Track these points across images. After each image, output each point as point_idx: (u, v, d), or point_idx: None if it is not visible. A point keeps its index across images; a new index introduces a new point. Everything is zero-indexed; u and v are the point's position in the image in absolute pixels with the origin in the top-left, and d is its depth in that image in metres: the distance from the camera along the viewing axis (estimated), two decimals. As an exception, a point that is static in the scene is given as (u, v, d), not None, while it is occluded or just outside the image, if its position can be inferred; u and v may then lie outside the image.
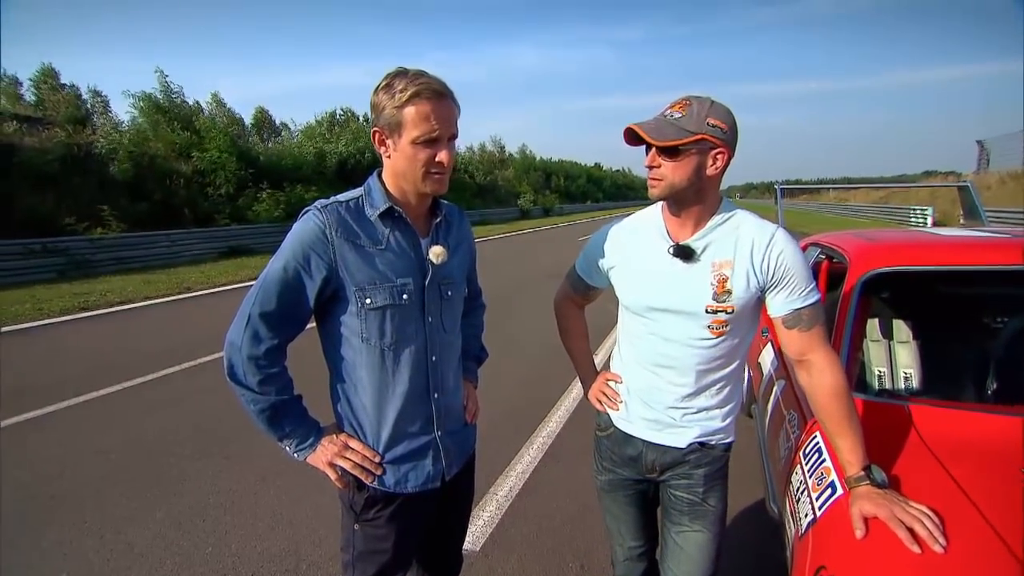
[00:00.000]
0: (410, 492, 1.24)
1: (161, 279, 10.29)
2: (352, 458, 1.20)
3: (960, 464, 1.22)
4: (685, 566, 1.33)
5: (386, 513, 1.23)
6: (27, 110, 16.47)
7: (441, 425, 1.27)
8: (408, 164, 1.12)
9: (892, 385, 2.04)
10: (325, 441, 1.21)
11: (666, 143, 1.13)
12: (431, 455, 1.26)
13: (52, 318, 7.14)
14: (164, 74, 17.59)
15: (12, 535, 2.48)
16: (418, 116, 1.08)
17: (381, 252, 1.15)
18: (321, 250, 1.11)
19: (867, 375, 2.07)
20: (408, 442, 1.23)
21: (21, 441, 3.48)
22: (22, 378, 4.72)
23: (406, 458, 1.23)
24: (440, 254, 1.21)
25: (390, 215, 1.17)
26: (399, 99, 1.07)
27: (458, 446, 1.33)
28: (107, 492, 2.84)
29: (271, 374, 1.14)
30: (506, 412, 3.73)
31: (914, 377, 2.02)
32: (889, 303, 2.25)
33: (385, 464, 1.22)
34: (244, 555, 2.31)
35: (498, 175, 40.77)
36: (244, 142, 19.60)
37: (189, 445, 3.36)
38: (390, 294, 1.15)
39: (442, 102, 1.10)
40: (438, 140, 1.11)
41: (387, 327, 1.16)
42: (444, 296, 1.25)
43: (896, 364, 2.06)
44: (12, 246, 10.59)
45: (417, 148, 1.10)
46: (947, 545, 0.98)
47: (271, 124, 26.96)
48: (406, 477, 1.24)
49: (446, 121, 1.11)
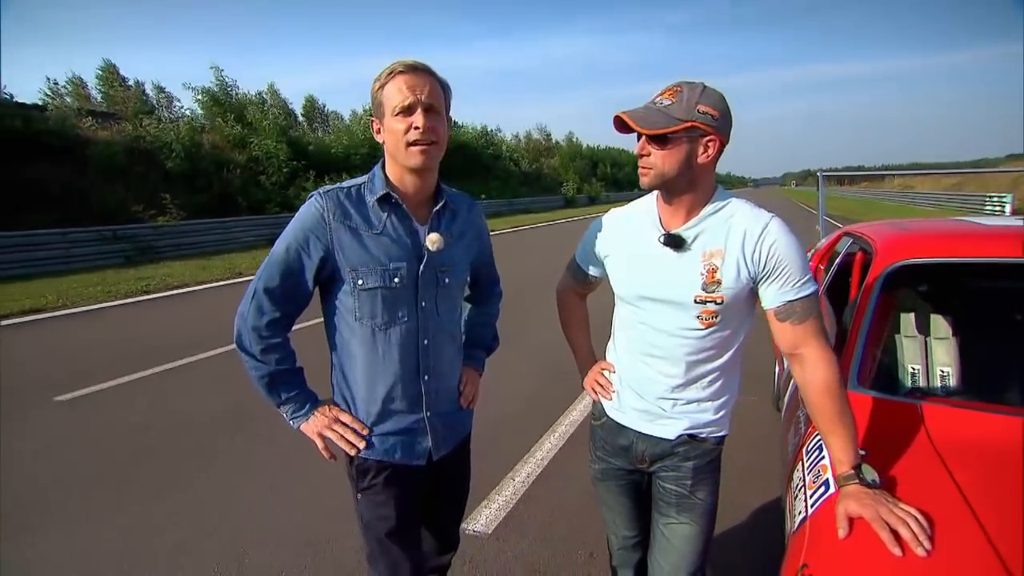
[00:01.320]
0: (397, 462, 1.29)
1: (215, 264, 10.87)
2: (339, 430, 1.26)
3: (966, 467, 1.15)
4: (671, 558, 1.32)
5: (380, 480, 1.29)
6: (98, 107, 17.62)
7: (431, 406, 1.31)
8: (392, 139, 1.17)
9: (927, 383, 1.93)
10: (318, 412, 1.28)
11: (654, 131, 1.11)
12: (419, 434, 1.30)
13: (118, 300, 7.69)
14: (220, 69, 18.45)
15: (63, 499, 2.72)
16: (393, 89, 1.15)
17: (376, 236, 1.20)
18: (319, 232, 1.18)
19: (899, 372, 1.97)
20: (397, 419, 1.28)
21: (85, 413, 3.79)
22: (89, 356, 5.12)
23: (394, 434, 1.29)
24: (436, 241, 1.24)
25: (387, 201, 1.22)
26: (381, 81, 1.16)
27: (448, 428, 1.36)
28: (148, 463, 3.06)
29: (272, 344, 1.23)
30: (530, 399, 3.76)
31: (951, 376, 1.91)
32: (927, 297, 2.13)
33: (374, 437, 1.28)
34: (267, 527, 2.44)
35: (543, 163, 40.53)
36: (295, 132, 20.28)
37: (223, 423, 3.57)
38: (381, 277, 1.20)
39: (415, 74, 1.15)
40: (412, 108, 1.14)
41: (378, 308, 1.21)
42: (440, 283, 1.27)
43: (932, 362, 1.95)
44: (87, 233, 11.44)
45: (396, 119, 1.15)
46: (932, 549, 0.94)
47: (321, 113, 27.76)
48: (394, 450, 1.29)
49: (419, 88, 1.14)
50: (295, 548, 2.29)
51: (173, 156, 15.09)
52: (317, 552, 2.26)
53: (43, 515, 2.57)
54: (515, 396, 3.81)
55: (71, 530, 2.46)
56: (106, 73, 19.58)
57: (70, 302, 7.43)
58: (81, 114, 15.09)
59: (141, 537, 2.39)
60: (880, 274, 1.78)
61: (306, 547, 2.29)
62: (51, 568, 2.21)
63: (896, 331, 2.04)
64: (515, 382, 4.07)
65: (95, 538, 2.39)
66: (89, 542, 2.36)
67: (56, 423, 3.63)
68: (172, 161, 15.01)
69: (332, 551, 2.26)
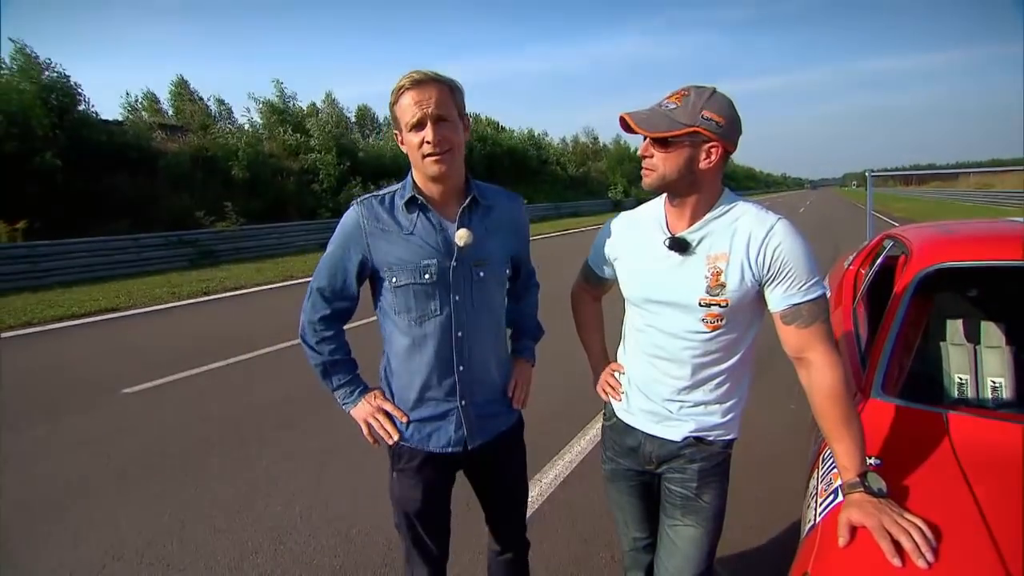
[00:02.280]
0: (431, 450, 1.38)
1: (269, 268, 11.42)
2: (381, 419, 1.38)
3: (987, 480, 1.10)
4: (676, 560, 1.32)
5: (413, 465, 1.39)
6: (168, 120, 18.88)
7: (464, 395, 1.36)
8: (410, 152, 1.25)
9: (977, 395, 1.83)
10: (365, 400, 1.40)
11: (655, 134, 1.13)
12: (453, 422, 1.37)
13: (182, 301, 8.21)
14: (280, 82, 19.43)
15: (127, 486, 2.95)
16: (404, 105, 1.21)
17: (408, 237, 1.29)
18: (356, 238, 1.30)
19: (945, 382, 1.87)
20: (432, 406, 1.36)
21: (149, 404, 4.09)
22: (155, 352, 5.51)
23: (429, 420, 1.37)
24: (464, 237, 1.29)
25: (414, 203, 1.29)
26: (393, 98, 1.24)
27: (484, 419, 1.40)
28: (204, 451, 3.27)
29: (325, 336, 1.37)
30: (562, 402, 3.77)
31: (1005, 387, 1.80)
32: (979, 303, 2.01)
33: (411, 424, 1.37)
34: (306, 516, 2.57)
35: (591, 166, 40.22)
36: (347, 140, 21.03)
37: (273, 416, 3.76)
38: (412, 274, 1.28)
39: (421, 87, 1.20)
40: (422, 122, 1.20)
41: (412, 303, 1.30)
42: (475, 277, 1.32)
43: (983, 372, 1.85)
44: (155, 239, 12.27)
45: (411, 135, 1.22)
46: (935, 562, 0.91)
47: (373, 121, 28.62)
48: (429, 437, 1.37)
49: (425, 102, 1.19)
50: (329, 538, 2.40)
51: (236, 165, 15.95)
52: (349, 542, 2.36)
53: (96, 497, 2.80)
54: (548, 399, 3.83)
55: (123, 510, 2.67)
56: (178, 88, 20.96)
57: (139, 302, 8.00)
58: (154, 127, 16.21)
59: (189, 519, 2.57)
60: (913, 278, 1.70)
61: (338, 537, 2.40)
62: (109, 537, 2.41)
63: (941, 338, 1.94)
64: (548, 384, 4.08)
65: (148, 518, 2.58)
66: (142, 521, 2.56)
67: (123, 413, 3.93)
68: (236, 169, 15.87)
69: (362, 543, 2.35)
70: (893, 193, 53.02)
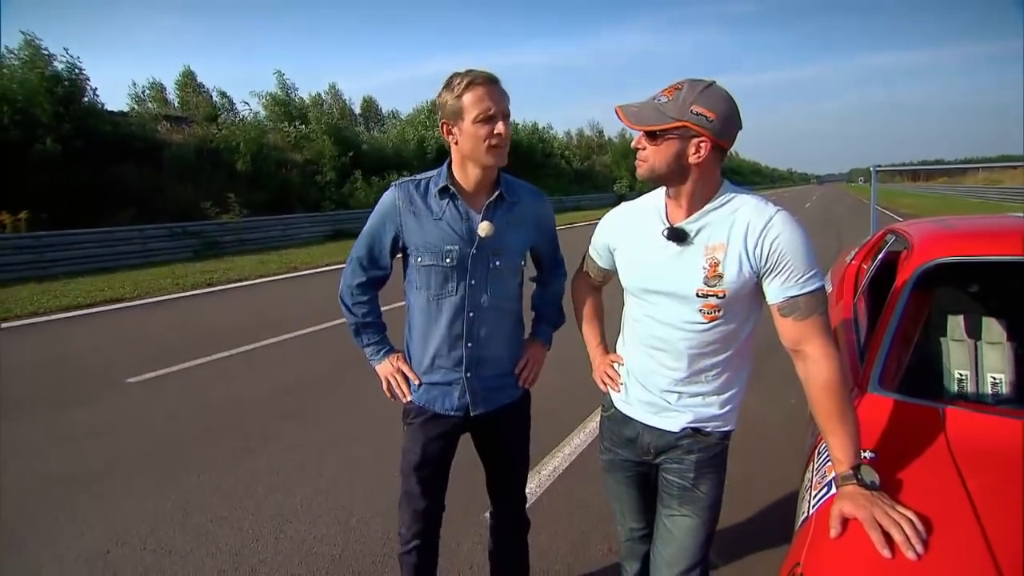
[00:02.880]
0: (436, 411, 1.52)
1: (273, 259, 11.45)
2: (399, 379, 1.54)
3: (981, 474, 1.10)
4: (672, 549, 1.33)
5: (419, 421, 1.54)
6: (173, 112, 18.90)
7: (470, 368, 1.49)
8: (472, 142, 1.34)
9: (976, 390, 1.83)
10: (388, 360, 1.57)
11: (643, 128, 1.13)
12: (458, 390, 1.51)
13: (186, 292, 8.25)
14: (282, 74, 19.37)
15: (130, 475, 2.98)
16: (475, 99, 1.32)
17: (436, 222, 1.42)
18: (392, 217, 1.46)
19: (945, 378, 1.87)
20: (441, 374, 1.50)
21: (152, 394, 4.13)
22: (160, 341, 5.55)
23: (438, 385, 1.51)
24: (486, 229, 1.41)
25: (447, 192, 1.42)
26: (457, 91, 1.32)
27: (488, 391, 1.53)
28: (207, 441, 3.30)
29: (360, 300, 1.55)
30: (561, 395, 3.77)
31: (1005, 383, 1.80)
32: (979, 299, 2.00)
33: (423, 385, 1.52)
34: (306, 505, 2.59)
35: (595, 160, 40.07)
36: (350, 132, 21.00)
37: (276, 406, 3.79)
38: (435, 256, 1.42)
39: (493, 86, 1.34)
40: (494, 116, 1.33)
41: (432, 281, 1.44)
42: (492, 264, 1.45)
43: (983, 368, 1.84)
44: (160, 230, 12.31)
45: (478, 126, 1.33)
46: (925, 553, 0.91)
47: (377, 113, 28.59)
48: (435, 400, 1.52)
49: (498, 101, 1.34)
50: (329, 526, 2.42)
51: (240, 157, 15.96)
52: (348, 531, 2.38)
53: (101, 484, 2.83)
54: (548, 390, 3.83)
55: (127, 499, 2.70)
56: (184, 79, 20.96)
57: (144, 293, 8.04)
58: (159, 118, 16.23)
59: (192, 508, 2.60)
60: (913, 273, 1.70)
61: (338, 526, 2.42)
62: (113, 525, 2.44)
63: (942, 334, 1.93)
64: (548, 377, 4.08)
65: (151, 506, 2.62)
66: (145, 509, 2.59)
67: (127, 402, 3.96)
68: (240, 161, 15.88)
69: (361, 532, 2.38)
70: (900, 189, 52.58)
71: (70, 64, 13.23)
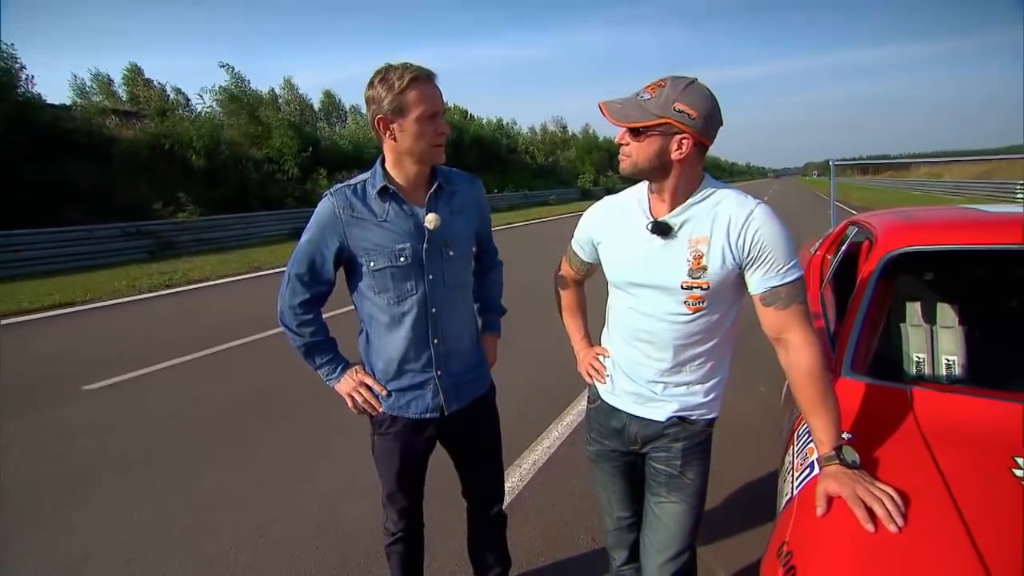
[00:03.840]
0: (410, 417, 1.49)
1: (235, 259, 11.11)
2: (363, 393, 1.48)
3: (950, 449, 1.17)
4: (660, 535, 1.37)
5: (392, 431, 1.51)
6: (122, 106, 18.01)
7: (440, 366, 1.47)
8: (416, 140, 1.31)
9: (933, 372, 1.93)
10: (347, 375, 1.49)
11: (626, 124, 1.16)
12: (431, 390, 1.48)
13: (143, 294, 7.92)
14: (231, 67, 18.49)
15: (94, 484, 2.86)
16: (420, 97, 1.28)
17: (381, 224, 1.38)
18: (333, 227, 1.38)
19: (904, 362, 1.97)
20: (410, 377, 1.47)
21: (113, 401, 3.95)
22: (118, 346, 5.31)
23: (409, 390, 1.48)
24: (433, 220, 1.39)
25: (386, 192, 1.38)
26: (399, 86, 1.27)
27: (460, 386, 1.52)
28: (171, 448, 3.19)
29: (305, 320, 1.45)
30: (538, 390, 3.81)
31: (957, 365, 1.91)
32: (933, 286, 2.12)
33: (392, 392, 1.47)
34: (286, 510, 2.54)
35: (560, 155, 40.31)
36: (311, 128, 20.47)
37: (244, 411, 3.69)
38: (388, 257, 1.37)
39: (432, 82, 1.31)
40: (437, 114, 1.31)
41: (389, 283, 1.39)
42: (445, 256, 1.43)
43: (938, 351, 1.95)
44: (112, 229, 11.77)
45: (423, 123, 1.30)
46: (904, 526, 0.97)
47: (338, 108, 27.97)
48: (408, 405, 1.48)
49: (439, 97, 1.32)
50: (310, 531, 2.38)
51: (194, 153, 15.36)
52: (330, 535, 2.35)
53: (69, 495, 2.71)
54: (522, 386, 3.86)
55: (97, 509, 2.59)
56: (131, 74, 19.96)
57: (97, 296, 7.68)
58: (107, 112, 15.44)
59: (160, 519, 2.51)
60: (879, 262, 1.78)
61: (319, 530, 2.38)
62: (77, 545, 2.33)
63: (901, 320, 2.04)
64: (522, 373, 4.12)
65: (115, 520, 2.51)
66: (109, 523, 2.49)
67: (86, 411, 3.79)
68: (195, 157, 15.28)
69: (343, 535, 2.35)
70: (851, 182, 54.88)
71: (2, 52, 12.42)
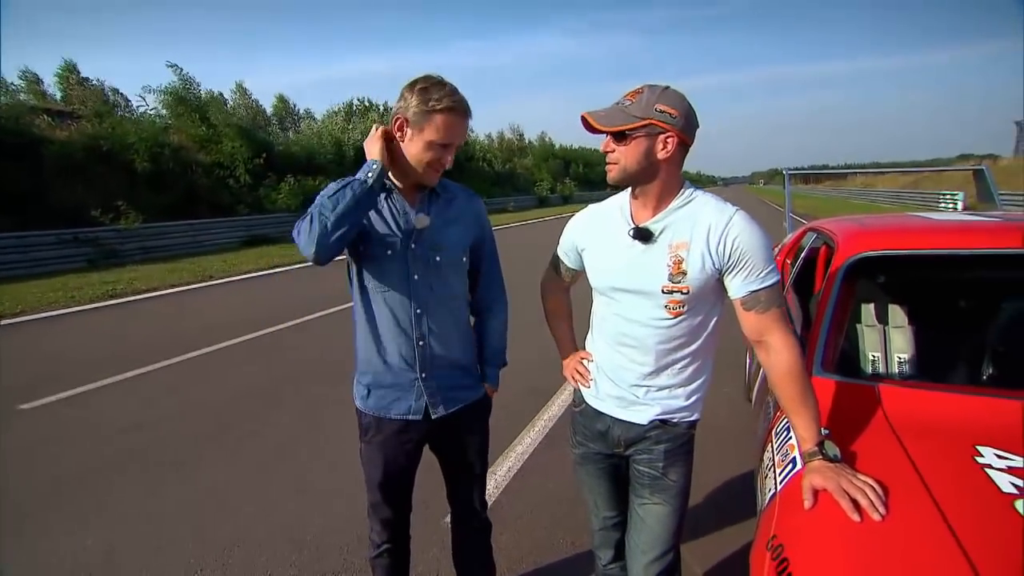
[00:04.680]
0: (393, 418, 1.48)
1: (185, 267, 10.62)
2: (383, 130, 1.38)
3: (918, 441, 1.25)
4: (645, 536, 1.39)
5: (378, 439, 1.51)
6: (55, 105, 16.95)
7: (425, 369, 1.46)
8: (417, 156, 1.36)
9: (886, 370, 2.05)
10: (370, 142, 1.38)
11: (613, 128, 1.19)
12: (414, 392, 1.47)
13: (83, 305, 7.46)
14: (179, 68, 17.73)
15: (39, 509, 2.66)
16: (444, 125, 1.32)
17: (377, 214, 1.40)
18: None
19: (861, 360, 2.08)
20: (394, 375, 1.46)
21: (55, 419, 3.69)
22: (56, 362, 4.97)
23: (392, 389, 1.47)
24: (423, 221, 1.41)
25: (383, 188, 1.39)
26: (433, 105, 1.30)
27: (446, 390, 1.50)
28: (126, 467, 3.01)
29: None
30: (508, 399, 3.80)
31: (908, 362, 2.03)
32: (885, 288, 2.25)
33: (372, 389, 1.48)
34: (252, 526, 2.44)
35: (516, 163, 40.62)
36: (264, 133, 19.86)
37: (202, 425, 3.53)
38: (377, 244, 1.40)
39: (465, 120, 1.36)
40: (448, 147, 1.36)
41: (375, 272, 1.42)
42: (431, 260, 1.43)
43: (891, 349, 2.07)
44: (46, 236, 11.04)
45: (431, 147, 1.34)
46: (886, 514, 1.03)
47: (292, 113, 27.28)
48: (390, 406, 1.48)
49: (461, 136, 1.38)
50: (280, 546, 2.29)
51: (137, 156, 14.61)
52: (302, 549, 2.27)
53: (14, 523, 2.52)
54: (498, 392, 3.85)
55: (42, 537, 2.41)
56: (66, 72, 18.84)
57: (30, 308, 7.18)
58: (37, 111, 14.50)
59: (118, 542, 2.36)
60: (841, 266, 1.89)
61: (290, 544, 2.30)
62: (31, 570, 2.17)
63: (857, 320, 2.16)
64: (494, 379, 4.12)
65: (67, 546, 2.35)
66: (60, 550, 2.32)
67: (24, 432, 3.53)
68: (138, 161, 14.53)
69: (317, 548, 2.27)
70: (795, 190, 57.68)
71: None
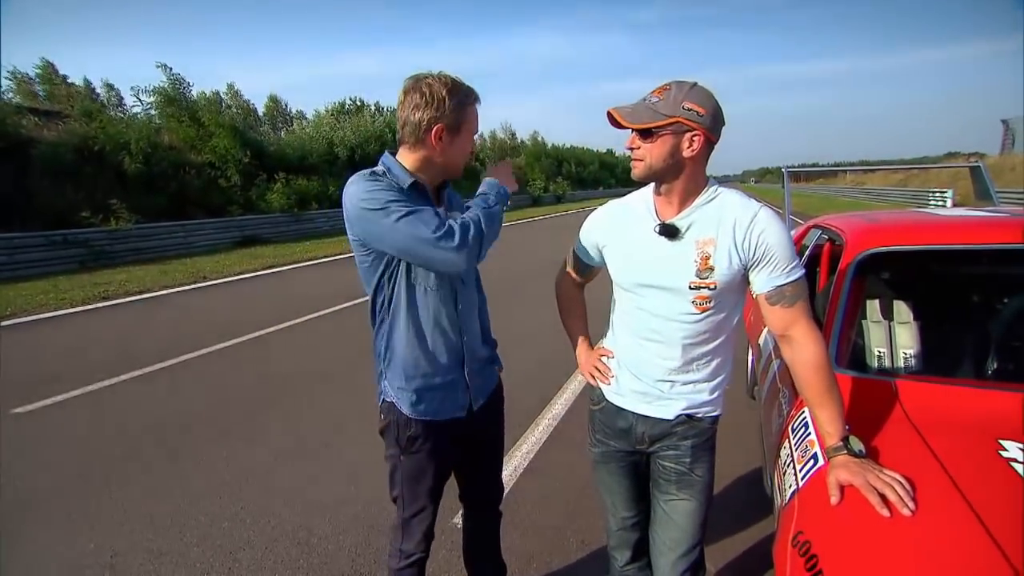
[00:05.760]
0: (443, 420, 1.46)
1: (177, 269, 10.51)
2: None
3: (939, 436, 1.25)
4: (672, 532, 1.38)
5: (428, 445, 1.46)
6: (43, 105, 16.72)
7: (468, 363, 1.48)
8: (462, 154, 1.39)
9: (892, 365, 2.05)
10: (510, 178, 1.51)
11: (640, 125, 1.18)
12: (460, 388, 1.48)
13: (75, 307, 7.35)
14: (168, 67, 17.52)
15: (37, 515, 2.62)
16: (475, 115, 1.37)
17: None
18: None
19: (867, 356, 2.08)
20: (443, 375, 1.44)
21: (46, 424, 3.64)
22: (50, 365, 4.90)
23: (441, 388, 1.45)
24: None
25: (416, 188, 1.36)
26: (464, 100, 1.33)
27: (482, 381, 1.55)
28: (127, 470, 2.97)
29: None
30: (511, 398, 3.78)
31: (913, 357, 2.03)
32: (890, 284, 2.26)
33: (423, 393, 1.43)
34: (258, 529, 2.41)
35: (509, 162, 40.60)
36: (256, 133, 19.70)
37: (204, 427, 3.49)
38: None
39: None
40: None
41: (426, 275, 1.39)
42: None
43: (896, 344, 2.08)
44: (35, 238, 10.87)
45: (470, 141, 1.38)
46: (916, 509, 1.02)
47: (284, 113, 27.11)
48: (442, 407, 1.46)
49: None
50: (287, 549, 2.27)
51: (129, 157, 14.43)
52: (310, 552, 2.24)
53: (11, 529, 2.47)
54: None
55: (42, 544, 2.37)
56: (44, 71, 18.56)
57: (20, 310, 7.07)
58: (23, 110, 14.29)
59: (121, 547, 2.33)
60: (852, 261, 1.89)
61: (298, 547, 2.27)
62: None
63: (863, 316, 2.17)
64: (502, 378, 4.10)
65: (66, 552, 2.31)
66: (65, 556, 2.28)
67: (17, 436, 3.46)
68: (129, 162, 14.34)
69: (324, 551, 2.25)
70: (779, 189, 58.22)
71: None
